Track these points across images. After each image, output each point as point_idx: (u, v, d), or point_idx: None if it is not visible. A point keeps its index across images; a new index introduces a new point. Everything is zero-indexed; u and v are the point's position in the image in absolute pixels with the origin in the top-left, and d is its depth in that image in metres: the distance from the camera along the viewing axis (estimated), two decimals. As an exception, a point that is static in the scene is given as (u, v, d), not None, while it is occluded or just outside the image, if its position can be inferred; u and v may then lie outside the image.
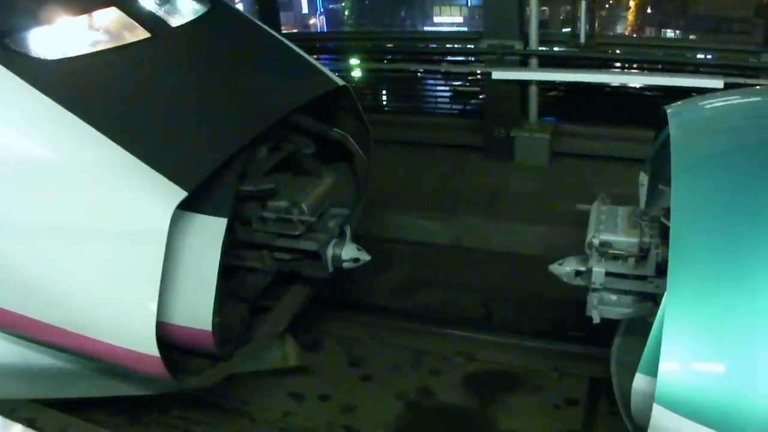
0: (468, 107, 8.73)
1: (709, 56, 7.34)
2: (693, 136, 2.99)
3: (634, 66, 7.63)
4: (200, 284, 3.16)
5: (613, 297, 3.14)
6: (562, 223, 5.72)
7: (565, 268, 3.22)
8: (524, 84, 7.41)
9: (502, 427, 4.08)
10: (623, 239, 3.04)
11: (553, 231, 5.84)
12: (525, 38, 7.27)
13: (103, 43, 3.60)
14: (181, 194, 2.96)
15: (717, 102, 3.42)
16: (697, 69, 7.10)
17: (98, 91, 3.38)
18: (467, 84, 8.66)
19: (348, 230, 3.91)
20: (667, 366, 2.09)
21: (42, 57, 3.29)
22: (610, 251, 3.01)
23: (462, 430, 4.13)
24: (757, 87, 5.93)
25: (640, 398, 2.36)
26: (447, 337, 4.89)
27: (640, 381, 2.33)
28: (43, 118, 3.06)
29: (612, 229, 3.09)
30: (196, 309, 3.19)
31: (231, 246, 3.23)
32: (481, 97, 8.13)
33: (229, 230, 3.23)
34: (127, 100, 3.42)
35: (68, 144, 3.04)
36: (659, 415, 2.13)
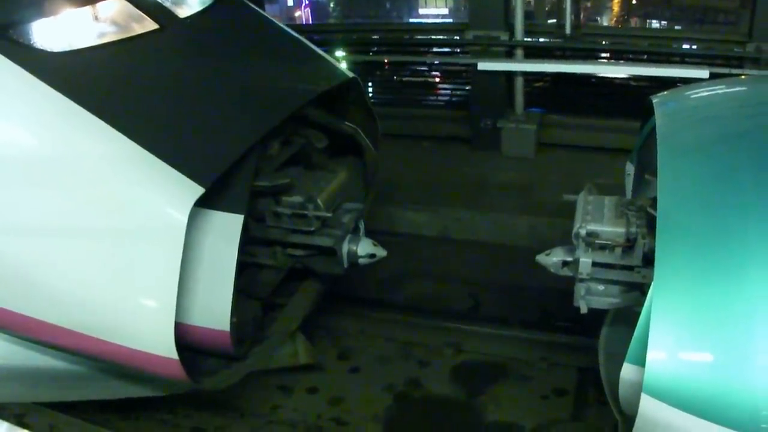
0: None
1: (694, 46, 7.35)
2: (679, 125, 3.00)
3: (620, 56, 7.64)
4: (217, 283, 3.07)
5: (601, 287, 3.14)
6: (549, 214, 5.73)
7: (552, 259, 3.22)
8: (510, 75, 7.42)
9: (490, 418, 4.09)
10: (610, 229, 3.04)
11: (539, 222, 5.85)
12: (510, 29, 7.27)
13: (111, 34, 3.50)
14: (199, 191, 2.85)
15: (702, 92, 3.43)
16: (683, 59, 7.13)
17: (108, 84, 3.26)
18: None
19: (362, 225, 3.87)
20: (654, 355, 2.10)
21: (48, 49, 3.18)
22: (596, 241, 3.02)
23: (450, 421, 4.13)
24: (743, 77, 5.95)
25: (628, 388, 2.37)
26: (435, 329, 4.90)
27: (627, 371, 2.34)
28: (52, 112, 2.93)
29: (599, 219, 3.10)
30: (213, 309, 3.10)
31: (243, 242, 3.15)
32: (468, 88, 8.12)
33: (243, 227, 3.15)
34: (138, 94, 3.30)
35: (79, 139, 2.92)
36: (647, 404, 2.14)
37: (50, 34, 3.28)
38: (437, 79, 8.67)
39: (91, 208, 2.88)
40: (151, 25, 3.66)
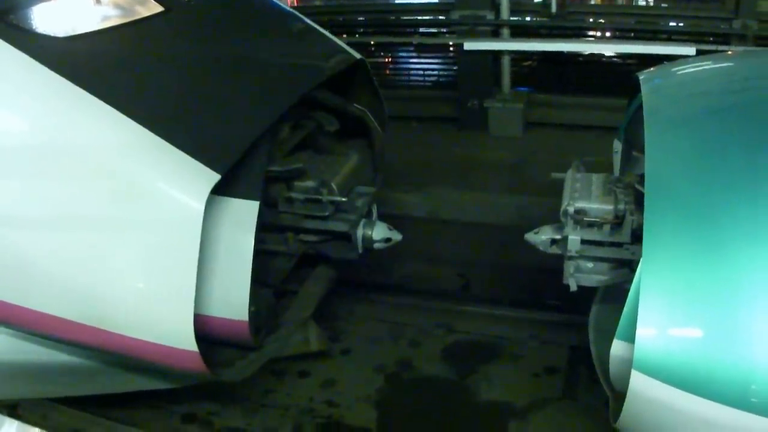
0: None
1: (681, 24, 7.36)
2: (666, 102, 3.00)
3: (607, 34, 7.64)
4: (234, 272, 2.99)
5: (590, 264, 3.14)
6: (538, 193, 5.73)
7: (541, 237, 3.23)
8: (497, 55, 7.40)
9: (482, 397, 4.10)
10: (598, 206, 3.05)
11: (528, 200, 5.85)
12: (496, 8, 7.25)
13: (115, 18, 3.40)
14: (215, 177, 2.75)
15: (689, 68, 3.43)
16: (670, 36, 7.14)
17: (116, 69, 3.14)
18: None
19: (375, 209, 3.82)
20: (644, 332, 2.10)
21: (51, 34, 3.07)
22: (585, 219, 3.02)
23: (442, 401, 4.14)
24: (729, 53, 5.95)
25: (619, 364, 2.38)
26: (425, 309, 4.90)
27: (617, 347, 2.35)
28: (59, 99, 2.82)
29: (587, 197, 3.10)
30: (231, 298, 3.03)
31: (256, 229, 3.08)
32: (455, 69, 8.10)
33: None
34: (147, 78, 3.18)
35: (89, 126, 2.80)
36: (637, 380, 2.15)
37: (53, 18, 3.19)
38: (424, 60, 8.64)
39: (103, 197, 2.77)
40: (155, 7, 3.56)
